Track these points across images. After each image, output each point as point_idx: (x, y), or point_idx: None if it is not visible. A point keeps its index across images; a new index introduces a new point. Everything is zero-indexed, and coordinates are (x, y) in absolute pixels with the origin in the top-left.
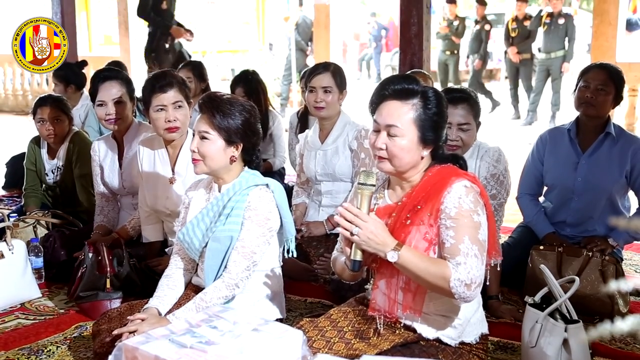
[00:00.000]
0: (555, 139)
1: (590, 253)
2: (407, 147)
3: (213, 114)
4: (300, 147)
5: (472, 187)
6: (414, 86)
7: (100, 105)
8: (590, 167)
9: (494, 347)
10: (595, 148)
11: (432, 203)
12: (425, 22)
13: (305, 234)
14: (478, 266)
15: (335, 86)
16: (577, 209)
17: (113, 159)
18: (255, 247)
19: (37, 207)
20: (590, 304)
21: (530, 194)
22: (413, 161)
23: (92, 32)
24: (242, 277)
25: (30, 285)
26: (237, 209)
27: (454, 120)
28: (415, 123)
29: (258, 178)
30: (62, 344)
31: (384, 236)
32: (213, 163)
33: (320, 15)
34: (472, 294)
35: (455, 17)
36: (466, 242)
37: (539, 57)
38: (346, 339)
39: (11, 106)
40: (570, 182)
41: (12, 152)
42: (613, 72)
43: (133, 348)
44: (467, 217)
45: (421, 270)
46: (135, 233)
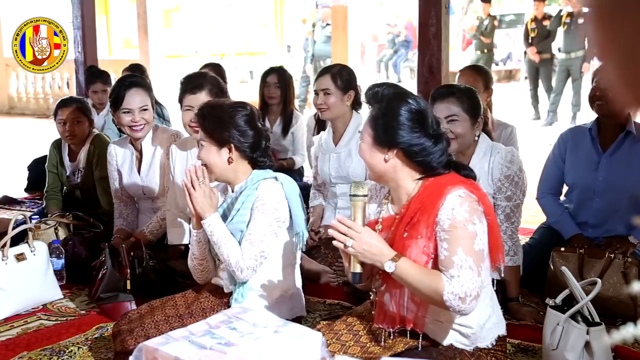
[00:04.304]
0: (576, 138)
1: (612, 255)
2: (364, 149)
3: (203, 121)
4: (315, 150)
5: (468, 195)
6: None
7: (126, 112)
8: (611, 167)
9: (515, 350)
10: (616, 147)
11: (427, 215)
12: (444, 22)
13: (323, 235)
14: (473, 278)
15: (334, 88)
16: (598, 209)
17: (131, 164)
18: (262, 235)
19: (58, 209)
20: (612, 306)
21: (552, 194)
22: (378, 164)
23: (112, 35)
24: (249, 265)
25: (52, 286)
26: (247, 202)
27: (442, 114)
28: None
29: (267, 173)
30: (84, 345)
31: (380, 247)
32: (216, 169)
33: (338, 16)
34: (467, 307)
35: (488, 15)
36: (460, 254)
37: (559, 57)
38: (361, 342)
39: (32, 109)
40: (591, 182)
41: (34, 155)
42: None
43: (153, 349)
44: (460, 228)
45: (416, 282)
46: (153, 237)
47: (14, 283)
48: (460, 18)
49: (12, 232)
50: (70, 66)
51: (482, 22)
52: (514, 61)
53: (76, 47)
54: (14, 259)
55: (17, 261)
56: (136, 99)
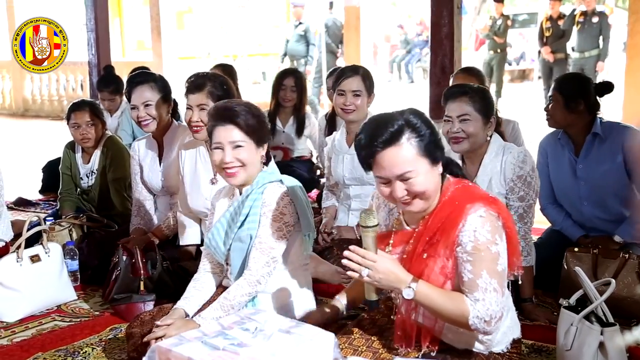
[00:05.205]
0: (551, 147)
1: (626, 255)
2: (426, 180)
3: (238, 122)
4: (328, 151)
5: (489, 214)
6: (396, 125)
7: (133, 109)
8: (588, 170)
9: (529, 350)
10: (587, 150)
11: (447, 235)
12: (456, 22)
13: (336, 236)
14: (498, 300)
15: (364, 90)
16: (590, 213)
17: (153, 158)
18: (272, 242)
19: (72, 210)
20: (626, 306)
21: (552, 203)
22: (436, 184)
23: (125, 37)
24: (263, 274)
25: (66, 287)
26: (255, 207)
27: (453, 113)
28: (420, 155)
29: (272, 175)
30: (98, 346)
31: (397, 273)
32: (252, 168)
33: (351, 17)
34: (492, 329)
35: (501, 15)
36: (484, 276)
37: (573, 57)
38: (374, 347)
39: (47, 112)
40: (575, 188)
41: (48, 157)
42: (561, 82)
43: (166, 350)
44: (484, 250)
45: (439, 307)
46: (170, 232)
47: (29, 284)
48: (473, 18)
49: (27, 234)
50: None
51: (495, 21)
52: (527, 61)
53: (90, 50)
54: (29, 260)
55: (32, 262)
56: (139, 96)
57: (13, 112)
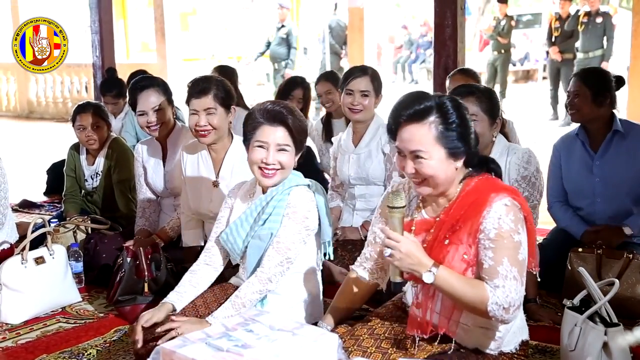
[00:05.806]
0: (567, 146)
1: (630, 255)
2: (437, 166)
3: (289, 125)
4: (334, 151)
5: (513, 204)
6: (426, 104)
7: (141, 115)
8: (605, 167)
9: (533, 351)
10: (606, 147)
11: (471, 222)
12: (460, 23)
13: (340, 237)
14: (517, 288)
15: (372, 90)
16: (603, 210)
17: (157, 160)
18: (290, 243)
19: (77, 212)
20: (631, 306)
21: (559, 201)
22: (449, 176)
23: (130, 39)
24: (275, 272)
25: (71, 289)
26: (279, 207)
27: None
28: (439, 141)
29: (300, 179)
30: (102, 348)
31: (419, 256)
32: (288, 172)
33: (355, 18)
34: (510, 317)
35: (505, 15)
36: (505, 264)
37: (578, 57)
38: (383, 348)
39: (52, 113)
40: (590, 185)
41: (53, 158)
42: (587, 76)
43: (170, 351)
44: (507, 238)
45: (458, 292)
46: (174, 234)
47: (33, 286)
48: (477, 18)
49: (32, 236)
50: (89, 70)
51: (499, 22)
52: (531, 61)
53: (94, 51)
54: (33, 262)
55: (37, 264)
56: (148, 101)
57: (18, 114)
